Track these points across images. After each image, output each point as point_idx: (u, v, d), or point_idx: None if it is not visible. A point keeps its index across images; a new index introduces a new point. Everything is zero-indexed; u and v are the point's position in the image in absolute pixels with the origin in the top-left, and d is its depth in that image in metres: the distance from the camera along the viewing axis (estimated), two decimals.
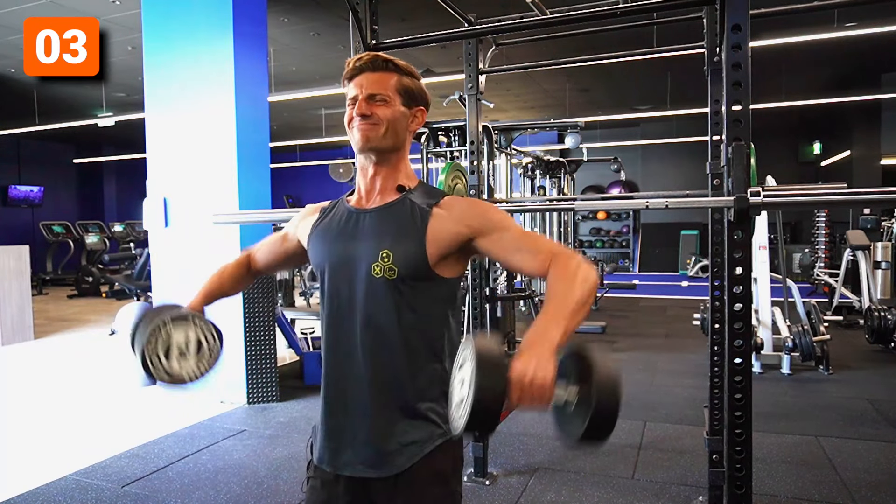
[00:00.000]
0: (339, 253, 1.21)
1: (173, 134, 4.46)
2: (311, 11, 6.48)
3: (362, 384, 1.17)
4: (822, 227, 10.07)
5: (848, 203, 1.51)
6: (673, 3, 1.90)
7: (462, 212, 1.18)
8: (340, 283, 1.19)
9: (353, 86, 1.20)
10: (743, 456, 1.53)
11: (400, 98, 1.20)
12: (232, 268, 1.46)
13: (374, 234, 1.18)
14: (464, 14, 2.98)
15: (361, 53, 1.23)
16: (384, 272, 1.14)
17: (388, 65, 1.20)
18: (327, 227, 1.25)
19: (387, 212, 1.20)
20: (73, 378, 5.08)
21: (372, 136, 1.17)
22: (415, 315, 1.16)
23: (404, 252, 1.14)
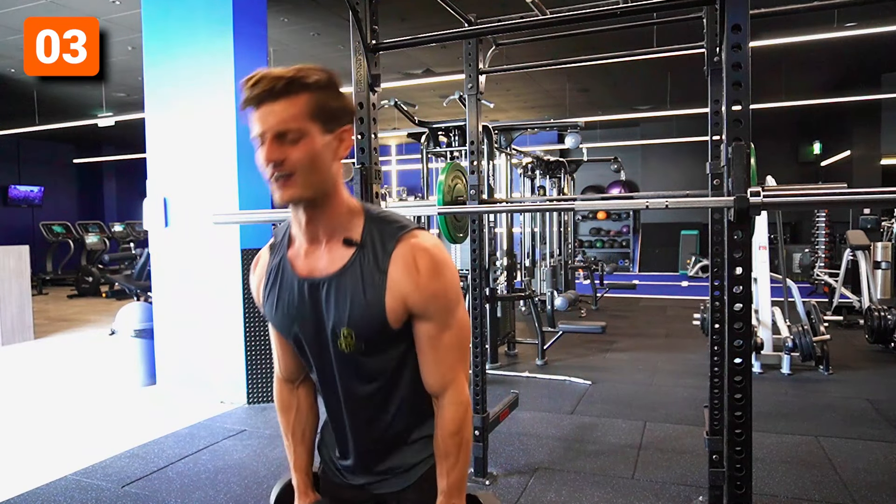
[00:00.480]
0: (301, 329, 1.12)
1: (173, 134, 4.46)
2: (311, 11, 6.48)
3: (356, 435, 1.17)
4: (822, 227, 10.07)
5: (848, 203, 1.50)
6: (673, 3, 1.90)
7: (408, 286, 1.05)
8: (312, 355, 1.14)
9: (255, 120, 0.98)
10: (743, 456, 1.53)
11: (317, 125, 0.99)
12: (288, 410, 1.28)
13: (331, 311, 1.07)
14: (464, 14, 2.98)
15: (256, 73, 0.98)
16: (350, 347, 1.07)
17: (291, 86, 0.97)
18: (278, 298, 1.13)
19: (340, 282, 1.06)
20: (73, 378, 5.08)
21: (293, 193, 1.00)
22: (390, 375, 1.13)
23: (367, 327, 1.05)
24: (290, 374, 1.26)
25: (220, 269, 4.26)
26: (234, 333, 4.23)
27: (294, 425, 1.27)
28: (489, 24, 2.93)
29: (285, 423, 1.27)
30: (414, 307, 1.06)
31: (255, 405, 4.21)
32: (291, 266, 1.11)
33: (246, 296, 4.19)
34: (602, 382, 4.57)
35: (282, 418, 1.28)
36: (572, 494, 2.78)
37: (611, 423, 3.70)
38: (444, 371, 1.10)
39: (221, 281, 4.25)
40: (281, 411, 1.28)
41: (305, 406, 1.28)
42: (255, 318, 4.23)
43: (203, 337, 4.40)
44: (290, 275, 1.11)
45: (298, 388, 1.28)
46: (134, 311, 4.82)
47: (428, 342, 1.09)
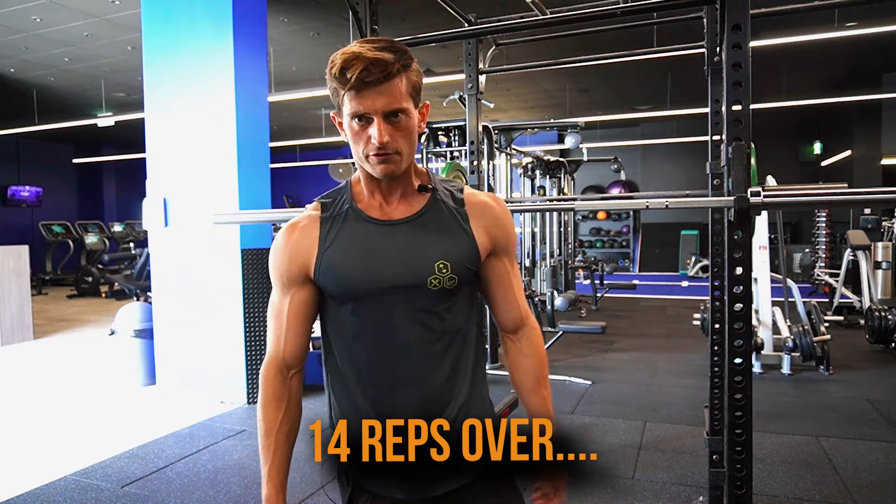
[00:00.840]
0: (382, 273, 1.07)
1: (173, 134, 4.46)
2: (311, 11, 6.48)
3: (423, 405, 1.09)
4: (823, 227, 10.07)
5: (848, 203, 1.50)
6: (673, 3, 1.90)
7: (490, 221, 1.14)
8: (386, 306, 1.07)
9: (360, 101, 1.01)
10: (743, 456, 1.52)
11: (412, 102, 1.05)
12: (275, 405, 1.14)
13: (421, 245, 1.08)
14: (464, 14, 2.98)
15: (362, 53, 0.99)
16: (444, 283, 1.07)
17: (399, 70, 1.01)
18: (346, 245, 1.09)
19: (424, 220, 1.10)
20: (73, 378, 5.08)
21: (395, 169, 1.05)
22: (469, 314, 1.14)
23: (461, 258, 1.09)
24: (294, 358, 1.15)
25: (220, 269, 4.25)
26: (234, 333, 4.23)
27: (282, 422, 1.13)
28: (489, 24, 2.93)
29: (273, 417, 1.13)
30: (496, 240, 1.14)
31: (255, 405, 4.19)
32: (367, 213, 1.11)
33: (246, 296, 4.18)
34: (602, 382, 4.57)
35: (268, 412, 1.13)
36: (572, 494, 2.77)
37: (611, 423, 3.70)
38: (521, 302, 1.20)
39: (221, 281, 4.25)
40: (269, 403, 1.13)
41: (296, 401, 1.17)
42: (255, 318, 4.23)
43: (203, 337, 4.39)
44: (366, 221, 1.10)
45: (292, 378, 1.16)
46: (134, 311, 4.82)
47: (506, 277, 1.17)
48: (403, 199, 1.12)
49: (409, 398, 1.09)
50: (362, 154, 1.05)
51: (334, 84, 1.03)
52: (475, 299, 1.18)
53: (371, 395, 1.10)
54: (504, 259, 1.16)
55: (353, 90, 1.00)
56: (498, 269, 1.16)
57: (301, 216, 1.14)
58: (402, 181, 1.11)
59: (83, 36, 6.96)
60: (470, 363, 1.15)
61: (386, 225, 1.10)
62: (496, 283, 1.17)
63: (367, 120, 1.02)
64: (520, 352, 1.20)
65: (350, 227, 1.10)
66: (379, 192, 1.11)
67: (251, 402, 4.23)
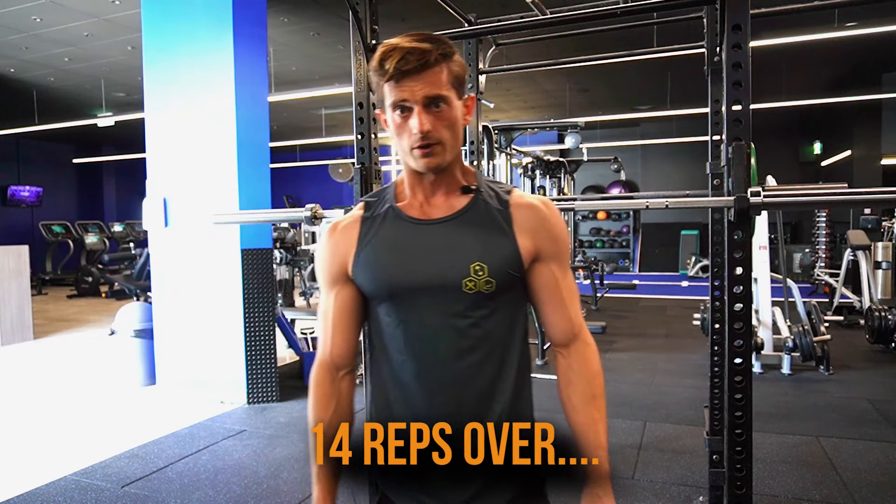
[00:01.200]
0: (413, 273, 1.04)
1: (173, 134, 4.46)
2: (311, 11, 6.48)
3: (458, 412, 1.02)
4: (823, 227, 10.08)
5: (848, 203, 1.50)
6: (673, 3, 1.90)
7: (535, 224, 1.07)
8: (420, 308, 1.04)
9: (399, 90, 0.99)
10: (743, 456, 1.52)
11: (455, 92, 1.03)
12: (324, 404, 1.12)
13: (457, 245, 1.04)
14: (464, 14, 2.98)
15: (400, 44, 0.99)
16: (480, 286, 1.02)
17: (438, 59, 0.99)
18: (384, 243, 1.07)
19: (464, 220, 1.06)
20: (73, 378, 5.08)
21: (440, 161, 1.03)
22: (512, 325, 1.07)
23: (500, 262, 1.03)
24: (341, 358, 1.13)
25: (220, 269, 4.25)
26: (234, 333, 4.23)
27: (332, 420, 1.09)
28: (489, 24, 2.93)
29: (321, 417, 1.10)
30: (542, 245, 1.07)
31: (255, 405, 4.21)
32: (405, 212, 1.08)
33: (246, 296, 4.18)
34: None
35: (316, 412, 1.12)
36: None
37: (611, 423, 3.67)
38: (574, 315, 1.11)
39: (221, 281, 4.25)
40: (317, 403, 1.12)
41: (346, 401, 1.14)
42: (255, 318, 4.23)
43: (203, 337, 4.39)
44: (403, 219, 1.08)
45: (342, 379, 1.14)
46: (134, 311, 4.82)
47: (555, 286, 1.08)
48: (445, 199, 1.08)
49: (444, 406, 1.04)
50: (406, 148, 1.03)
51: (375, 77, 1.02)
52: (521, 308, 1.11)
53: (406, 398, 1.07)
54: (552, 265, 1.08)
55: (392, 80, 0.99)
56: (544, 277, 1.08)
57: (345, 216, 1.15)
58: (446, 179, 1.08)
59: (83, 36, 6.96)
60: (512, 375, 1.07)
61: (423, 224, 1.07)
62: (542, 291, 1.09)
63: (407, 110, 1.00)
64: (569, 367, 1.10)
65: (388, 226, 1.08)
66: (421, 189, 1.08)
67: (251, 402, 4.23)
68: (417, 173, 1.07)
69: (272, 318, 4.32)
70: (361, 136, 1.97)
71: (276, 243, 7.70)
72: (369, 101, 1.96)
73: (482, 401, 1.04)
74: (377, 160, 2.01)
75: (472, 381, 1.04)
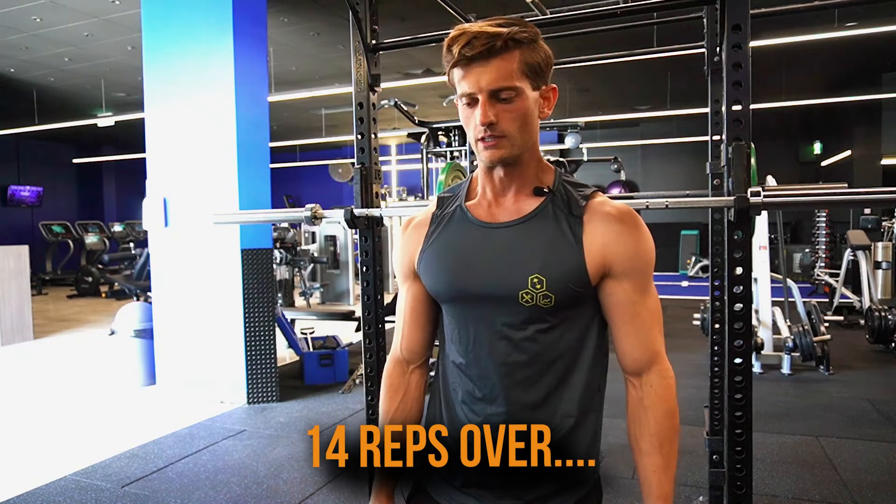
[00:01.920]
0: (471, 279, 0.99)
1: (173, 134, 4.46)
2: (311, 11, 6.48)
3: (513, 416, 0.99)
4: (823, 227, 10.07)
5: (848, 203, 1.50)
6: (673, 3, 1.89)
7: (610, 236, 0.97)
8: (476, 314, 1.00)
9: (466, 79, 0.94)
10: (743, 456, 1.52)
11: (528, 82, 0.95)
12: (391, 395, 1.12)
13: (518, 254, 0.97)
14: (464, 14, 2.98)
15: (465, 31, 0.94)
16: (538, 300, 0.95)
17: (508, 44, 0.92)
18: (447, 244, 1.03)
19: (529, 226, 0.98)
20: (73, 378, 5.08)
21: (503, 154, 0.96)
22: (580, 342, 1.01)
23: (561, 276, 0.95)
24: (410, 353, 1.12)
25: (220, 269, 4.25)
26: (234, 333, 4.23)
27: (397, 412, 1.10)
28: None
29: (387, 408, 1.11)
30: (615, 261, 0.97)
31: (255, 405, 4.21)
32: (472, 213, 1.03)
33: (246, 296, 4.18)
34: None
35: (384, 403, 1.12)
36: None
37: (611, 423, 3.68)
38: (650, 341, 1.00)
39: (221, 281, 4.25)
40: (387, 393, 1.12)
41: (414, 396, 1.13)
42: (255, 318, 4.22)
43: (203, 337, 4.39)
44: (469, 221, 1.03)
45: (412, 373, 1.13)
46: (134, 311, 4.82)
47: (630, 307, 0.99)
48: (514, 200, 1.01)
49: (494, 417, 0.99)
50: (472, 139, 0.97)
51: (445, 61, 0.97)
52: (594, 327, 1.02)
53: (457, 402, 1.04)
54: (625, 284, 0.98)
55: (458, 66, 0.94)
56: (616, 296, 0.98)
57: (420, 211, 1.12)
58: (518, 176, 1.00)
59: (83, 36, 6.96)
60: (574, 398, 1.02)
61: (487, 228, 1.01)
62: (613, 311, 1.00)
63: (474, 100, 0.95)
64: (640, 401, 1.03)
65: (454, 226, 1.04)
66: (491, 187, 1.02)
67: (251, 402, 4.23)
68: (487, 168, 1.01)
69: (272, 318, 4.32)
70: (361, 136, 1.97)
71: (276, 243, 7.71)
72: (369, 101, 1.96)
73: (532, 415, 0.98)
74: (377, 160, 2.01)
75: (524, 397, 0.99)
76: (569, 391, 1.01)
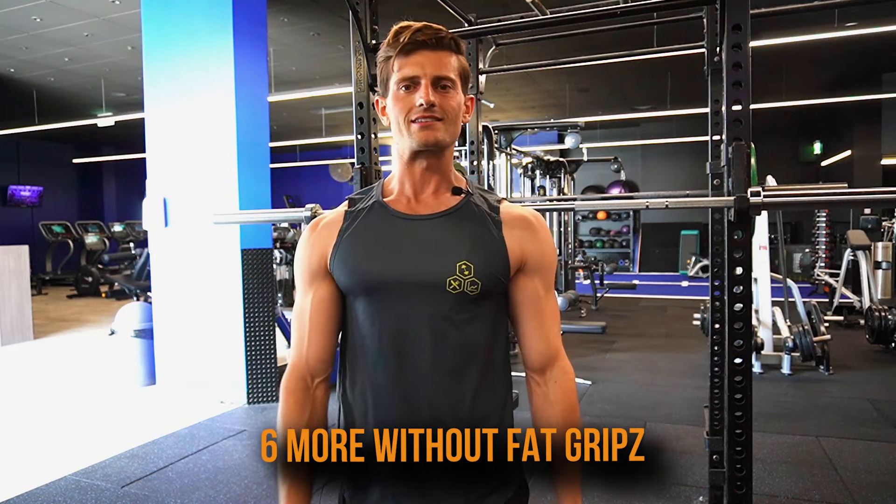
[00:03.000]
0: (394, 267, 0.99)
1: (173, 134, 4.46)
2: (311, 11, 6.48)
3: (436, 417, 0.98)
4: (823, 227, 10.08)
5: (848, 203, 1.50)
6: (673, 3, 1.90)
7: (525, 234, 1.04)
8: (399, 305, 0.99)
9: (409, 65, 0.99)
10: (743, 456, 1.52)
11: (460, 83, 1.02)
12: (296, 416, 1.06)
13: (444, 243, 1.00)
14: (464, 14, 2.98)
15: (414, 23, 1.02)
16: (465, 286, 0.97)
17: (451, 43, 1.01)
18: (364, 235, 1.03)
19: (452, 219, 1.02)
20: (73, 378, 5.08)
21: (438, 136, 0.99)
22: (497, 336, 1.04)
23: (487, 263, 0.99)
24: (316, 363, 1.06)
25: (220, 269, 4.25)
26: (234, 333, 4.23)
27: (304, 431, 1.02)
28: (489, 24, 2.93)
29: (296, 424, 1.04)
30: (530, 257, 1.03)
31: (255, 405, 4.21)
32: (392, 207, 1.05)
33: (246, 296, 4.18)
34: (602, 382, 4.57)
35: (288, 420, 1.05)
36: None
37: (611, 423, 3.69)
38: (552, 337, 1.06)
39: (221, 281, 4.25)
40: (292, 409, 1.05)
41: (320, 411, 1.07)
42: (255, 317, 4.22)
43: (203, 337, 4.39)
44: (389, 213, 1.04)
45: (316, 388, 1.07)
46: (134, 311, 4.82)
47: (535, 303, 1.04)
48: (434, 197, 1.05)
49: (417, 411, 0.98)
50: (403, 120, 0.99)
51: (386, 52, 1.01)
52: (503, 322, 1.06)
53: (377, 401, 1.01)
54: (536, 280, 1.04)
55: (404, 52, 0.99)
56: (527, 290, 1.04)
57: (332, 211, 1.12)
58: (438, 173, 1.04)
59: (83, 36, 6.96)
60: (497, 389, 1.03)
61: (409, 219, 1.03)
62: (523, 306, 1.05)
63: (414, 84, 0.99)
64: (545, 398, 1.04)
65: (372, 219, 1.04)
66: (410, 183, 1.04)
67: (251, 402, 4.23)
68: (409, 162, 1.03)
69: (272, 318, 4.32)
70: (361, 136, 1.97)
71: (276, 243, 7.71)
72: (369, 101, 1.96)
73: (459, 409, 0.98)
74: (377, 160, 2.01)
75: (450, 392, 0.99)
76: (491, 386, 1.02)
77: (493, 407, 1.03)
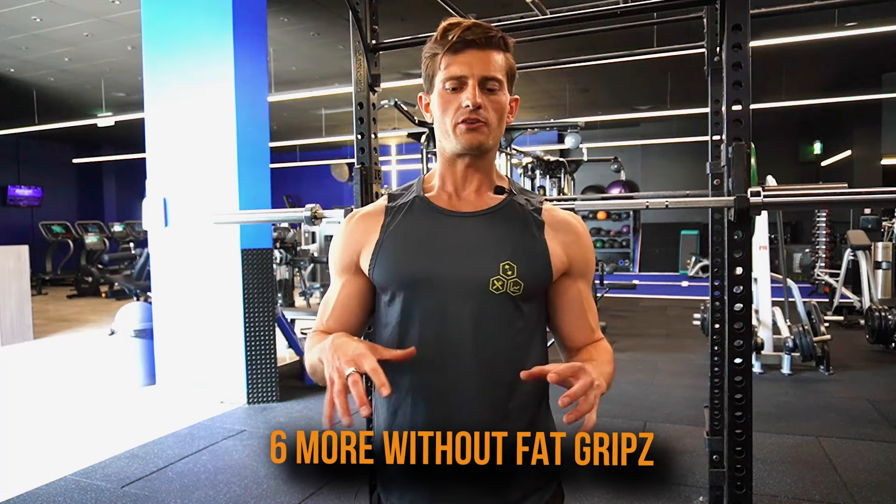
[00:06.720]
0: (437, 265, 0.98)
1: (173, 134, 4.46)
2: (311, 11, 6.48)
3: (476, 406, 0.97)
4: (823, 227, 10.07)
5: (848, 203, 1.50)
6: (673, 3, 1.89)
7: (569, 237, 1.04)
8: (440, 304, 0.97)
9: (457, 63, 0.97)
10: (743, 456, 1.52)
11: (507, 84, 1.00)
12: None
13: (487, 242, 0.99)
14: (464, 14, 2.98)
15: (463, 20, 0.99)
16: (507, 287, 0.97)
17: (500, 42, 0.99)
18: (406, 232, 1.02)
19: (495, 218, 1.01)
20: (73, 378, 5.08)
21: (483, 139, 0.98)
22: (535, 338, 1.03)
23: (530, 264, 0.99)
24: (339, 327, 1.05)
25: (220, 269, 4.25)
26: (234, 333, 4.23)
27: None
28: None
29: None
30: (574, 262, 1.04)
31: (255, 405, 4.20)
32: (433, 203, 1.04)
33: (246, 296, 4.18)
34: None
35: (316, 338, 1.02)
36: (572, 494, 2.76)
37: (611, 423, 3.70)
38: (595, 326, 1.08)
39: (221, 281, 4.25)
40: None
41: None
42: (255, 318, 4.22)
43: (203, 337, 4.39)
44: (433, 209, 1.03)
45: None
46: (134, 311, 4.82)
47: (579, 300, 1.05)
48: (476, 195, 1.04)
49: (457, 416, 0.97)
50: (450, 123, 0.98)
51: (433, 49, 0.99)
52: (542, 322, 1.06)
53: (415, 403, 1.00)
54: (580, 283, 1.05)
55: (452, 51, 0.97)
56: (571, 292, 1.05)
57: (370, 205, 1.10)
58: (480, 171, 1.03)
59: (83, 36, 6.96)
60: (534, 389, 1.02)
61: (452, 216, 1.02)
62: (567, 306, 1.05)
63: (461, 84, 0.97)
64: (587, 351, 1.05)
65: (414, 216, 1.03)
66: (452, 180, 1.04)
67: (251, 402, 4.23)
68: (452, 160, 1.03)
69: (272, 318, 4.32)
70: (361, 136, 1.97)
71: (276, 243, 7.70)
72: (369, 101, 1.96)
73: (499, 410, 0.98)
74: (377, 160, 2.01)
75: (490, 389, 0.98)
76: (530, 387, 1.00)
77: (531, 408, 1.03)
